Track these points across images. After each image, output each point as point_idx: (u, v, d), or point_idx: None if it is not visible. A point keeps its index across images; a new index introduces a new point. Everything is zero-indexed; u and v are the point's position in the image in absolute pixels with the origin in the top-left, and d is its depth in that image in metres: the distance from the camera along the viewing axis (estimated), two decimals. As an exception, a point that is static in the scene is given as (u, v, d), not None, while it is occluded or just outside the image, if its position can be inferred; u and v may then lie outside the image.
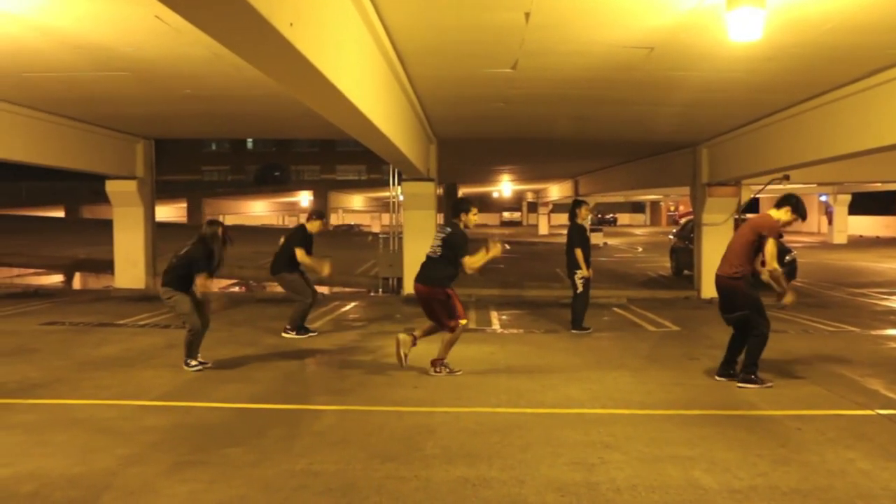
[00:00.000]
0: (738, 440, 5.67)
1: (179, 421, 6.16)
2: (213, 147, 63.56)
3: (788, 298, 7.66)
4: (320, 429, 5.97)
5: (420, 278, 7.95)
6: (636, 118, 13.24)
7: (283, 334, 10.20)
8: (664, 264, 23.06)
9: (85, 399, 6.83)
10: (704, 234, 16.18)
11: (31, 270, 24.47)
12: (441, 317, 7.85)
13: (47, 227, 34.00)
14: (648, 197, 59.66)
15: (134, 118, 13.94)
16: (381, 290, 16.41)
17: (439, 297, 7.82)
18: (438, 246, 7.91)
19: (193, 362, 8.03)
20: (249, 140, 61.08)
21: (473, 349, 9.43)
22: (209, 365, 8.10)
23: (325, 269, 10.35)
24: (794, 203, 7.61)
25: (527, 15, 6.93)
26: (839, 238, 36.77)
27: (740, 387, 7.39)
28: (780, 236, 7.69)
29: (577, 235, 10.76)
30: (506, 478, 4.86)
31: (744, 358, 7.58)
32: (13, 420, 6.12)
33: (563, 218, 53.64)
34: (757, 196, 17.77)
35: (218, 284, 8.17)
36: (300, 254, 10.20)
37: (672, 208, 71.07)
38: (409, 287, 15.42)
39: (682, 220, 35.67)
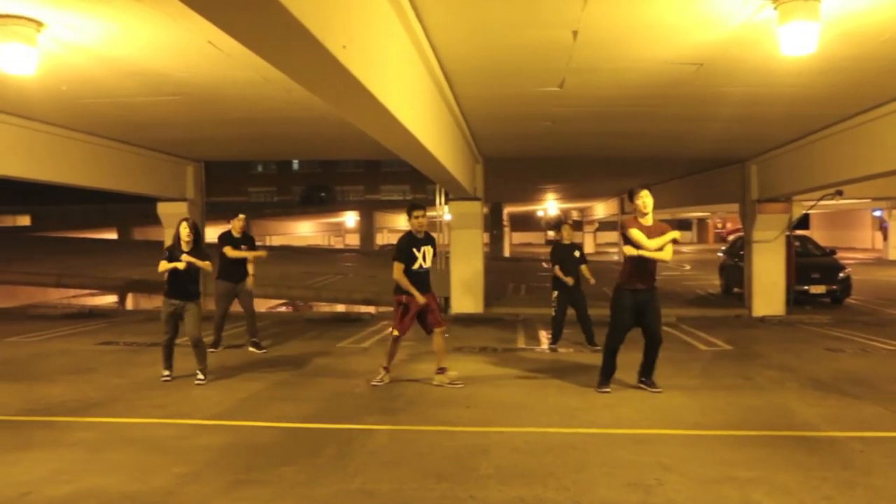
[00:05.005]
0: (799, 462, 5.54)
1: (234, 440, 6.23)
2: (260, 168, 64.39)
3: None
4: (373, 448, 5.98)
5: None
6: (684, 134, 13.13)
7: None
8: (713, 282, 22.72)
9: (141, 418, 6.95)
10: (755, 252, 15.93)
11: (87, 291, 25.03)
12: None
13: (100, 249, 34.72)
14: (695, 214, 58.96)
15: (185, 141, 14.22)
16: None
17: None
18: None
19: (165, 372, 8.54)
20: (295, 161, 61.77)
21: (524, 368, 9.39)
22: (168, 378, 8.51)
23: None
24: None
25: (574, 33, 6.93)
26: (895, 254, 35.88)
27: None
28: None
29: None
30: (561, 499, 4.81)
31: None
32: (73, 438, 6.24)
33: (609, 236, 53.01)
34: (808, 212, 17.43)
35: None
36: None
37: (719, 225, 70.08)
38: (456, 306, 15.48)
39: (730, 238, 35.16)
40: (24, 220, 55.60)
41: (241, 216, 10.85)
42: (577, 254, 10.73)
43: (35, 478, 5.20)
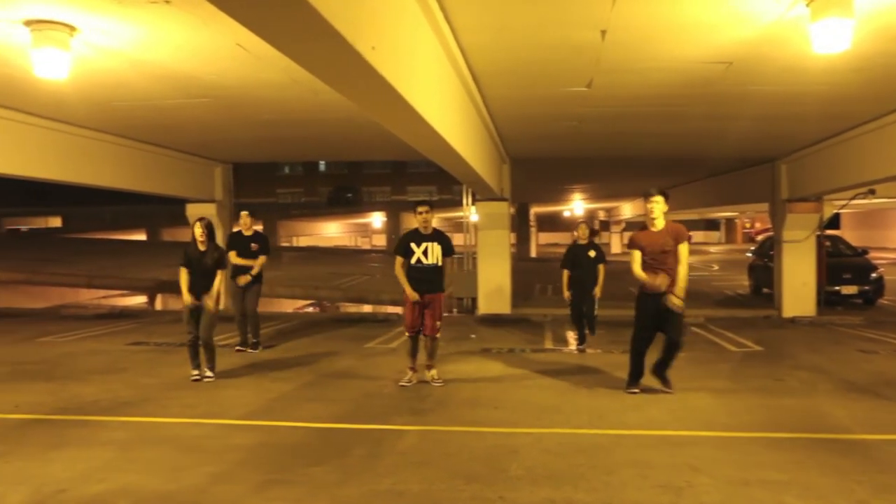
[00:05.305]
0: (832, 465, 5.47)
1: (264, 440, 6.27)
2: (287, 170, 64.69)
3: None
4: (402, 449, 6.00)
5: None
6: (712, 134, 13.02)
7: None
8: (741, 282, 22.52)
9: (172, 417, 7.02)
10: (785, 252, 15.76)
11: (117, 291, 25.28)
12: None
13: (130, 250, 35.11)
14: (723, 214, 58.40)
15: (214, 143, 14.34)
16: (455, 310, 16.43)
17: None
18: None
19: (194, 372, 8.64)
20: (322, 162, 62.02)
21: (552, 369, 9.37)
22: (198, 378, 8.59)
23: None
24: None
25: (603, 33, 6.90)
26: (928, 254, 35.34)
27: None
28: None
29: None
30: (591, 500, 4.79)
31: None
32: (106, 437, 6.32)
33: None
34: (839, 212, 17.21)
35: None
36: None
37: (748, 225, 69.40)
38: (483, 307, 15.47)
39: (759, 238, 34.84)
40: (56, 222, 56.42)
41: (244, 213, 10.91)
42: (591, 254, 10.68)
43: (70, 475, 5.27)
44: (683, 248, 7.46)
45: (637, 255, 7.56)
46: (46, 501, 4.80)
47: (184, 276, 8.45)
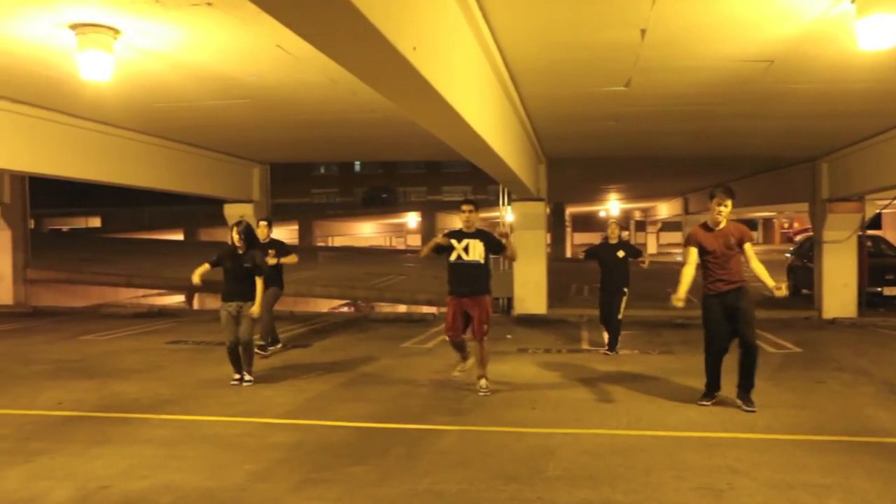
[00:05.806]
0: (878, 469, 5.37)
1: (303, 438, 6.30)
2: (322, 170, 65.00)
3: None
4: (441, 448, 6.00)
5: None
6: (751, 133, 12.85)
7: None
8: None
9: (212, 415, 7.10)
10: (825, 252, 15.51)
11: (156, 291, 25.61)
12: None
13: (168, 250, 35.52)
14: (761, 214, 57.61)
15: (252, 144, 14.48)
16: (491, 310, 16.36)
17: None
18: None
19: (236, 376, 8.50)
20: (357, 163, 62.21)
21: (589, 370, 9.32)
22: (238, 381, 8.45)
23: None
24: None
25: (642, 32, 6.85)
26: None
27: None
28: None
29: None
30: (630, 501, 4.76)
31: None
32: (148, 434, 6.42)
33: (672, 237, 52.12)
34: (881, 211, 16.90)
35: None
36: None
37: (786, 225, 68.43)
38: (519, 307, 15.43)
39: (798, 238, 34.34)
40: (95, 222, 57.33)
41: (262, 223, 10.73)
42: (620, 254, 10.56)
43: (113, 472, 5.36)
44: (749, 248, 7.26)
45: (693, 254, 7.33)
46: (90, 497, 4.88)
47: (203, 267, 8.58)
